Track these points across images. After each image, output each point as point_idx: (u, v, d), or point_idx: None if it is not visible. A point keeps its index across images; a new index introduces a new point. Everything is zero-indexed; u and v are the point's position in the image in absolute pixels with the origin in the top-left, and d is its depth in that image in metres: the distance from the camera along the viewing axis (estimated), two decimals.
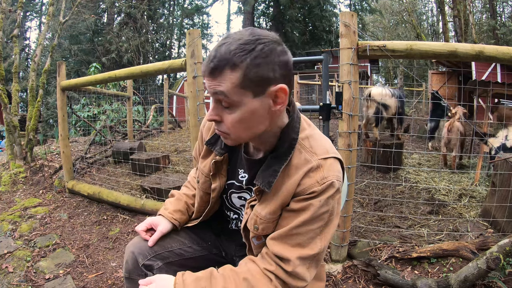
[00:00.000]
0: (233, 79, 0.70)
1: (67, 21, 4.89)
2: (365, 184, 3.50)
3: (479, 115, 7.84)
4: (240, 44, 0.70)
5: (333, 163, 0.81)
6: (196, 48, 2.24)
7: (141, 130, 6.82)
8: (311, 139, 0.84)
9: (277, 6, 17.08)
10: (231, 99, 0.72)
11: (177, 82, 17.10)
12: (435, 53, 1.84)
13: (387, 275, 1.77)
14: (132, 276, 1.01)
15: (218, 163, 0.95)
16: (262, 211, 0.84)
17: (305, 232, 0.79)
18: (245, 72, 0.70)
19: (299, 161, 0.81)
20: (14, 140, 3.93)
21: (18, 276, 2.01)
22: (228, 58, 0.70)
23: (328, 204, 0.79)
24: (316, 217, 0.79)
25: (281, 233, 0.81)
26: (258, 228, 0.85)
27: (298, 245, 0.79)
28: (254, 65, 0.70)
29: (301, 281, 0.81)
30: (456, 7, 12.40)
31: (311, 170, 0.80)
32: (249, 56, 0.70)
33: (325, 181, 0.78)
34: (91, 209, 3.12)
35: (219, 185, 0.98)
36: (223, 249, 1.17)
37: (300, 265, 0.79)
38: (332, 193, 0.79)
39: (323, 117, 1.99)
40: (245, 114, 0.74)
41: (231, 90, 0.71)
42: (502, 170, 2.33)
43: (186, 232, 1.13)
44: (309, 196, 0.78)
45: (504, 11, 19.53)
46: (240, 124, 0.76)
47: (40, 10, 21.29)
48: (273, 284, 0.79)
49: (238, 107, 0.74)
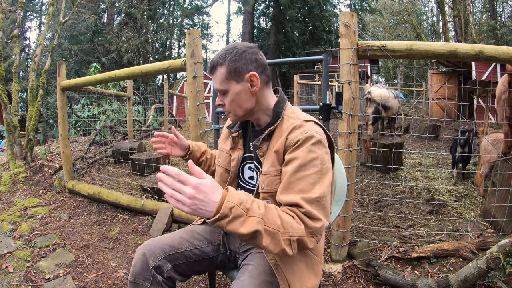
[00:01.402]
0: (223, 72, 1.02)
1: (67, 21, 4.89)
2: (365, 184, 3.50)
3: (479, 115, 7.84)
4: (224, 50, 1.05)
5: (313, 124, 1.01)
6: (196, 48, 2.24)
7: (141, 130, 6.82)
8: (297, 112, 1.09)
9: (277, 6, 17.06)
10: (224, 87, 1.04)
11: (177, 82, 17.08)
12: (435, 53, 1.84)
13: (387, 275, 1.77)
14: (137, 280, 1.03)
15: (235, 138, 1.18)
16: (265, 167, 1.04)
17: (302, 177, 0.91)
18: (228, 66, 1.02)
19: (287, 125, 1.03)
20: (14, 140, 3.93)
21: (18, 276, 2.01)
22: (217, 60, 1.04)
23: (314, 151, 0.94)
24: (308, 162, 0.92)
25: (283, 184, 0.94)
26: (264, 186, 1.02)
27: (301, 191, 0.90)
28: (232, 61, 1.02)
29: (316, 221, 0.87)
30: (456, 7, 12.39)
31: (295, 128, 1.00)
32: (229, 56, 1.02)
33: (306, 132, 0.97)
34: (91, 209, 3.12)
35: (237, 156, 1.16)
36: (229, 247, 1.21)
37: (309, 207, 0.88)
38: (315, 141, 0.95)
39: (323, 117, 1.99)
40: (234, 96, 1.05)
41: (222, 82, 1.04)
42: (502, 170, 2.33)
43: (196, 233, 1.20)
44: (296, 145, 0.96)
45: (504, 11, 19.52)
46: (233, 103, 1.06)
47: (40, 10, 21.27)
48: (296, 221, 0.86)
49: (229, 92, 1.05)
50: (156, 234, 2.53)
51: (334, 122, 5.75)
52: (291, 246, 0.83)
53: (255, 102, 1.07)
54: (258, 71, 1.04)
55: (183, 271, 1.13)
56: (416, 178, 3.69)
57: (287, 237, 0.83)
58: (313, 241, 0.87)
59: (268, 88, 1.09)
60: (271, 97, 1.11)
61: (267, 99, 1.09)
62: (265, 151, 1.05)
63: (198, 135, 2.34)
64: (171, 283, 1.10)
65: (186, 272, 1.14)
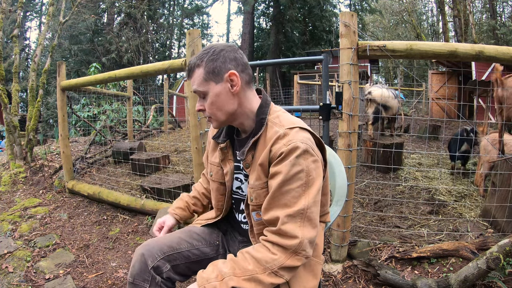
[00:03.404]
0: (200, 74, 0.98)
1: (67, 21, 4.89)
2: (365, 184, 3.50)
3: (479, 115, 7.84)
4: (201, 51, 1.00)
5: (298, 131, 0.95)
6: (196, 48, 2.24)
7: (141, 130, 6.82)
8: (281, 117, 1.02)
9: (277, 6, 17.06)
10: (203, 89, 0.99)
11: (177, 82, 17.09)
12: (435, 53, 1.84)
13: (387, 275, 1.77)
14: (136, 281, 1.02)
15: (223, 149, 1.12)
16: (251, 180, 1.00)
17: (286, 192, 0.89)
18: (205, 67, 0.97)
19: (271, 133, 0.97)
20: (14, 140, 3.93)
21: (18, 276, 2.01)
22: (194, 62, 0.99)
23: (299, 163, 0.89)
24: (292, 176, 0.89)
25: (268, 199, 0.93)
26: (252, 199, 0.99)
27: (284, 205, 0.89)
28: (210, 61, 0.97)
29: (292, 239, 0.87)
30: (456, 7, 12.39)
31: (279, 138, 0.94)
32: (206, 56, 0.97)
33: (290, 143, 0.91)
34: (91, 209, 3.12)
35: (230, 169, 1.11)
36: (228, 248, 1.21)
37: (288, 223, 0.87)
38: (299, 153, 0.89)
39: (323, 117, 1.99)
40: (214, 97, 0.99)
41: (201, 83, 0.98)
42: (502, 170, 2.33)
43: (195, 233, 1.20)
44: (280, 158, 0.91)
45: (504, 11, 19.51)
46: (213, 105, 1.00)
47: (40, 10, 21.28)
48: (271, 252, 0.88)
49: (208, 94, 0.99)
50: (156, 235, 2.53)
51: (334, 122, 5.74)
52: (278, 275, 0.87)
53: (237, 104, 1.01)
54: (238, 70, 0.99)
55: (182, 271, 1.12)
56: (416, 178, 3.69)
57: (269, 271, 0.86)
58: (299, 258, 0.88)
59: (250, 89, 1.04)
60: (254, 98, 1.05)
61: (250, 101, 1.03)
62: (250, 161, 1.00)
63: (198, 135, 2.34)
64: (170, 283, 1.09)
65: (185, 272, 1.14)
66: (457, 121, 6.86)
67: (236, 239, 1.20)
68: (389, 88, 5.06)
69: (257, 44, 20.23)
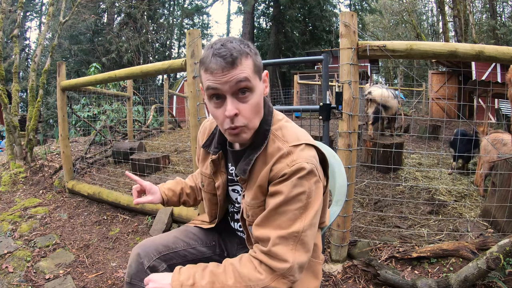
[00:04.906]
0: (250, 65, 0.83)
1: (67, 21, 4.89)
2: (365, 184, 3.50)
3: (479, 115, 7.84)
4: (240, 41, 0.85)
5: (304, 148, 0.87)
6: (196, 48, 2.24)
7: (141, 130, 6.82)
8: (284, 129, 0.92)
9: (277, 6, 17.07)
10: (252, 82, 0.83)
11: (177, 82, 17.09)
12: (435, 53, 1.84)
13: (387, 275, 1.77)
14: (133, 281, 1.02)
15: (216, 161, 1.02)
16: (247, 198, 0.92)
17: (283, 212, 0.83)
18: (253, 59, 0.84)
19: (272, 149, 0.88)
20: (14, 140, 3.93)
21: (18, 276, 2.01)
22: (241, 49, 0.82)
23: (302, 185, 0.82)
24: (292, 198, 0.82)
25: (262, 217, 0.86)
26: (249, 215, 0.93)
27: (278, 226, 0.83)
28: (255, 54, 0.86)
29: (282, 262, 0.81)
30: (456, 7, 12.39)
31: (282, 156, 0.86)
32: (250, 48, 0.85)
33: (294, 163, 0.83)
34: (91, 209, 3.12)
35: (222, 182, 1.03)
36: (226, 249, 1.19)
37: (280, 245, 0.81)
38: (303, 174, 0.82)
39: (323, 117, 1.99)
40: (258, 97, 0.86)
41: (251, 74, 0.83)
42: (502, 170, 2.33)
43: (191, 233, 1.17)
44: (282, 179, 0.84)
45: (504, 11, 19.51)
46: (255, 108, 0.86)
47: (40, 10, 21.28)
48: (257, 270, 0.82)
49: (254, 91, 0.85)
50: (156, 234, 2.53)
51: (334, 122, 5.74)
52: None
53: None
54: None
55: None
56: (416, 178, 3.69)
57: None
58: (285, 283, 0.82)
59: None
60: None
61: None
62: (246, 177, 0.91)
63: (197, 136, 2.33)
64: None
65: None
66: (457, 121, 6.86)
67: (234, 242, 1.17)
68: (388, 88, 5.05)
69: (257, 44, 20.23)
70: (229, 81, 0.81)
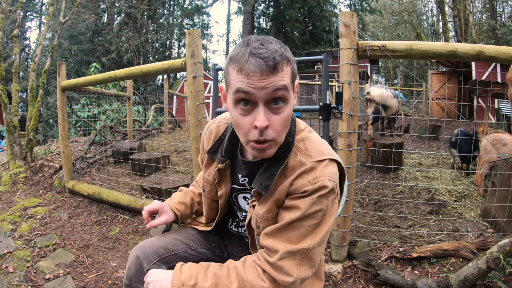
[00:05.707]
0: (289, 73, 0.74)
1: (67, 21, 4.89)
2: (365, 184, 3.50)
3: (479, 115, 7.84)
4: (279, 43, 0.75)
5: (327, 164, 0.82)
6: (196, 48, 2.24)
7: (141, 130, 6.82)
8: (307, 141, 0.86)
9: (277, 6, 17.09)
10: (289, 93, 0.75)
11: (177, 82, 17.08)
12: (435, 53, 1.84)
13: (387, 275, 1.77)
14: (132, 283, 1.00)
15: (221, 170, 0.97)
16: (260, 211, 0.87)
17: (296, 227, 0.80)
18: (292, 67, 0.76)
19: (294, 163, 0.83)
20: (14, 140, 3.93)
21: (18, 276, 2.01)
22: (282, 54, 0.72)
23: (320, 203, 0.79)
24: (309, 215, 0.79)
25: (273, 228, 0.83)
26: (259, 226, 0.88)
27: (288, 240, 0.81)
28: (294, 61, 0.77)
29: (286, 276, 0.79)
30: (456, 7, 12.40)
31: (304, 172, 0.81)
32: (289, 53, 0.75)
33: (317, 181, 0.79)
34: (91, 209, 3.12)
35: (225, 191, 1.00)
36: (226, 250, 1.17)
37: (287, 259, 0.80)
38: (324, 193, 0.79)
39: (323, 117, 1.99)
40: (290, 110, 0.77)
41: (289, 83, 0.75)
42: (502, 170, 2.33)
43: (191, 234, 1.15)
44: (301, 195, 0.80)
45: (504, 11, 19.53)
46: (286, 122, 0.78)
47: (40, 10, 21.28)
48: (261, 278, 0.81)
49: (288, 102, 0.76)
50: (156, 234, 2.53)
51: (334, 122, 5.74)
52: None
53: None
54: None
55: None
56: (416, 178, 3.69)
57: None
58: None
59: None
60: None
61: None
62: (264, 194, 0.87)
63: (198, 135, 2.34)
64: None
65: None
66: (457, 121, 6.86)
67: (235, 243, 1.15)
68: (388, 88, 5.06)
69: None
70: (266, 88, 0.71)
